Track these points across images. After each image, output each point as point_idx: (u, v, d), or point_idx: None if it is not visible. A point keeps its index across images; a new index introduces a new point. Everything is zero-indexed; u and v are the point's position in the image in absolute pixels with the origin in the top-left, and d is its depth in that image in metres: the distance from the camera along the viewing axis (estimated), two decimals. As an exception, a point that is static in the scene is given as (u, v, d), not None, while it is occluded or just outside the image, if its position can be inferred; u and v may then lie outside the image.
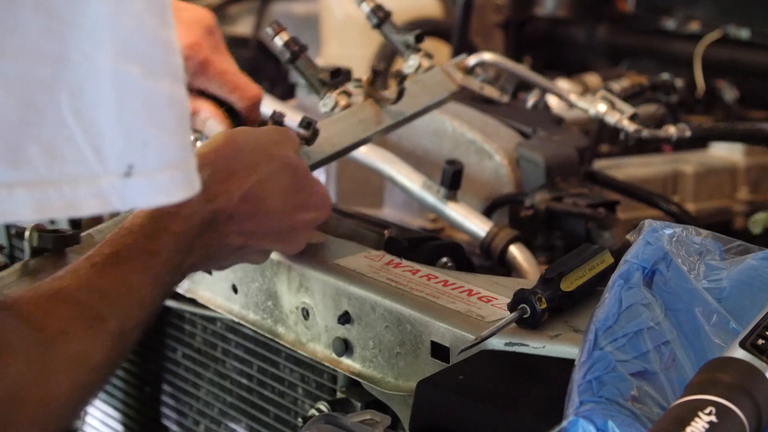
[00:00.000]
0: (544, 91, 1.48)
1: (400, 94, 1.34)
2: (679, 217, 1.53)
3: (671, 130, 1.48)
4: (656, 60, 2.49)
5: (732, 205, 1.89)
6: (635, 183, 1.70)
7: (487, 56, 1.46)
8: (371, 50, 2.65)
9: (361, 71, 1.44)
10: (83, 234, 1.08)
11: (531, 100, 1.48)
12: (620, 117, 1.43)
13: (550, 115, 1.89)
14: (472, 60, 1.45)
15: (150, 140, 0.73)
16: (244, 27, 3.26)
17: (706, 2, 2.56)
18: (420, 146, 1.69)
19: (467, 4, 2.48)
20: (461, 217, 1.47)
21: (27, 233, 1.03)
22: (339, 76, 1.35)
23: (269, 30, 1.37)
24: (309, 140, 1.22)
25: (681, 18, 2.51)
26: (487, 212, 1.55)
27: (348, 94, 1.34)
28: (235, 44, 3.29)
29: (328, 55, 2.90)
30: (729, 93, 2.20)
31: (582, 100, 1.45)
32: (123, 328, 0.92)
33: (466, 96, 1.64)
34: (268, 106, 1.90)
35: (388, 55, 2.63)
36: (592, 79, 2.33)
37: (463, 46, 2.51)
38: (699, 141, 1.99)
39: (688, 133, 1.49)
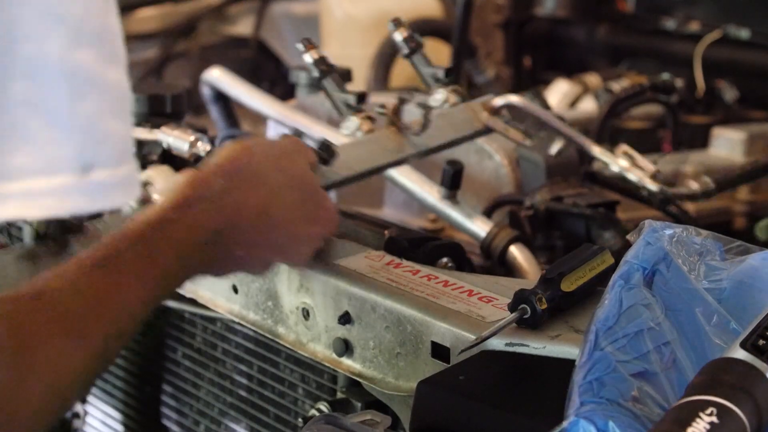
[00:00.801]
0: (569, 140, 1.46)
1: (425, 125, 1.33)
2: (679, 217, 1.53)
3: (694, 186, 1.47)
4: (656, 60, 2.49)
5: (732, 205, 1.88)
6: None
7: (514, 99, 1.46)
8: (371, 50, 2.65)
9: (361, 71, 1.45)
10: (87, 224, 1.07)
11: (555, 147, 1.47)
12: (642, 175, 1.42)
13: (550, 115, 1.89)
14: (498, 101, 1.44)
15: (107, 133, 0.69)
16: (244, 27, 3.26)
17: (706, 2, 2.56)
18: (420, 146, 1.68)
19: (467, 4, 2.48)
20: (461, 217, 1.47)
21: None
22: (365, 101, 1.34)
23: (300, 45, 1.36)
24: (326, 161, 1.22)
25: (681, 18, 2.51)
26: (487, 212, 1.55)
27: (372, 119, 1.33)
28: (235, 44, 3.30)
29: (329, 55, 2.90)
30: (729, 93, 2.20)
31: (604, 154, 1.44)
32: (107, 334, 0.89)
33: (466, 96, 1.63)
34: (269, 106, 1.91)
35: (387, 55, 2.63)
36: (592, 79, 2.33)
37: (463, 46, 2.51)
38: (702, 144, 1.99)
39: (712, 186, 1.47)
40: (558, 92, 2.30)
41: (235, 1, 3.25)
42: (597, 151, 1.45)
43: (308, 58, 1.35)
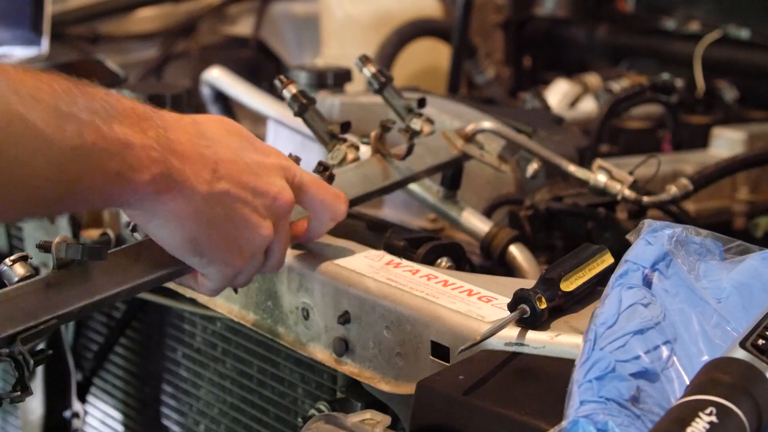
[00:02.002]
0: (545, 160, 1.46)
1: (410, 150, 1.34)
2: (679, 217, 1.53)
3: (673, 190, 1.47)
4: (656, 60, 2.49)
5: (732, 205, 1.88)
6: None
7: (486, 124, 1.46)
8: (371, 50, 2.65)
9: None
10: (109, 252, 1.05)
11: (530, 170, 1.47)
12: (621, 187, 1.42)
13: (550, 115, 1.89)
14: (471, 128, 1.45)
15: None
16: (244, 27, 3.26)
17: (706, 2, 2.56)
18: (420, 146, 1.68)
19: (467, 4, 2.48)
20: (461, 217, 1.47)
21: (54, 244, 1.00)
22: (348, 129, 1.35)
23: (277, 83, 1.36)
24: None
25: (681, 18, 2.51)
26: (487, 212, 1.55)
27: (356, 147, 1.34)
28: (235, 44, 3.30)
29: (328, 55, 2.89)
30: (729, 93, 2.20)
31: (580, 171, 1.44)
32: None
33: (466, 96, 1.63)
34: (269, 106, 1.91)
35: (387, 55, 2.63)
36: (592, 79, 2.33)
37: (463, 46, 2.51)
38: (701, 142, 1.99)
39: (690, 188, 1.47)
40: (558, 92, 2.30)
41: (235, 1, 3.25)
42: (572, 169, 1.45)
43: (287, 93, 1.35)
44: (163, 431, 1.56)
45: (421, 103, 1.42)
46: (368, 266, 1.18)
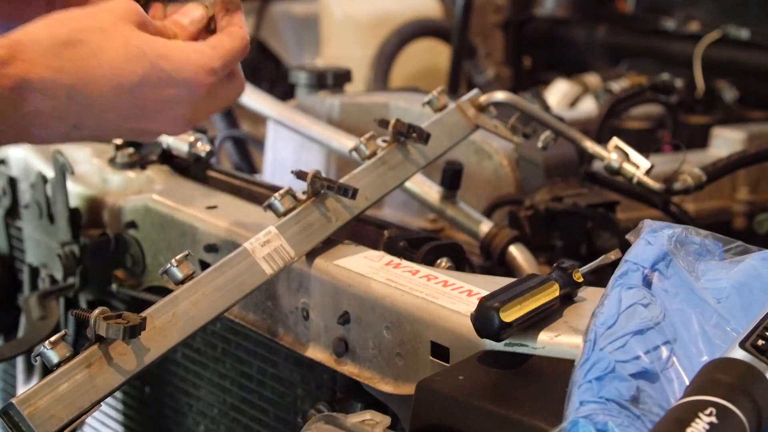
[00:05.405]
0: (557, 134, 1.44)
1: (426, 140, 1.31)
2: (679, 217, 1.53)
3: (689, 180, 1.46)
4: (656, 60, 2.49)
5: (732, 205, 1.89)
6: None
7: (500, 96, 1.45)
8: (371, 50, 2.65)
9: (361, 71, 1.44)
10: (146, 318, 1.05)
11: (542, 140, 1.45)
12: (636, 171, 1.41)
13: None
14: (484, 99, 1.43)
15: None
16: (244, 27, 3.26)
17: (706, 2, 2.57)
18: (420, 146, 1.68)
19: (467, 4, 2.48)
20: (461, 217, 1.47)
21: (92, 320, 0.99)
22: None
23: None
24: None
25: (681, 18, 2.51)
26: (487, 212, 1.55)
27: (374, 137, 1.31)
28: (234, 44, 3.30)
29: (328, 55, 2.90)
30: (729, 93, 2.20)
31: (595, 147, 1.43)
32: None
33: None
34: (269, 106, 1.91)
35: (387, 55, 2.63)
36: (592, 79, 2.34)
37: (463, 46, 2.51)
38: (702, 144, 1.99)
39: (704, 178, 1.47)
40: (558, 92, 2.30)
41: (235, 2, 3.25)
42: (588, 144, 1.44)
43: None
44: (163, 431, 1.56)
45: None
46: (368, 266, 1.18)
